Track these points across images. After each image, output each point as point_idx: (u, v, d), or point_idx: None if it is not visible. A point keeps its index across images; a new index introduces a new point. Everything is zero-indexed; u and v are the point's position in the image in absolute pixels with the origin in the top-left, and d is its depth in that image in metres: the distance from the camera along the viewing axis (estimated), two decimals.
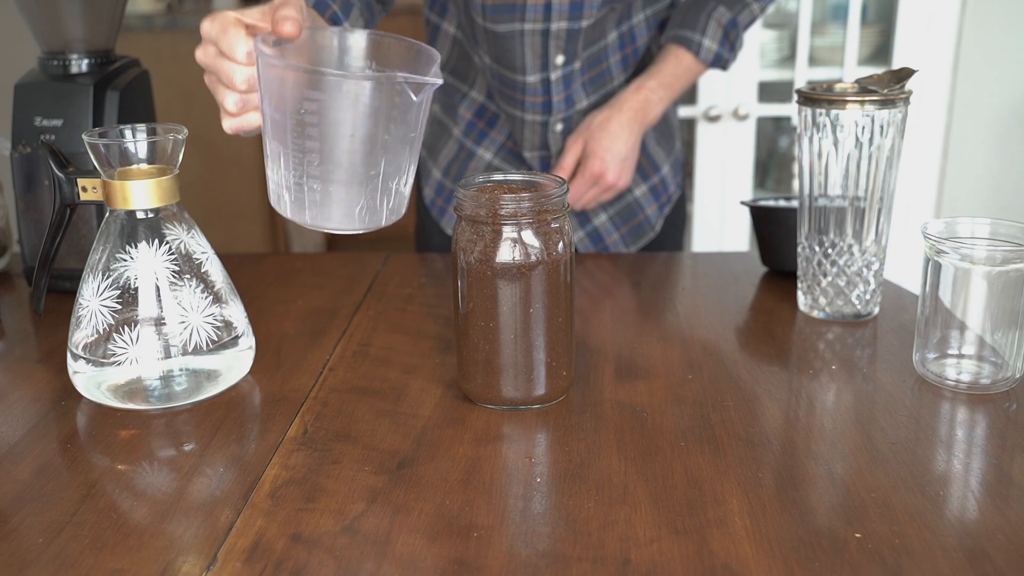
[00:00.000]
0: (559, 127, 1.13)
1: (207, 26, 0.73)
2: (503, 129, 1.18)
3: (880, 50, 2.21)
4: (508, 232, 0.67)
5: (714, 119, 2.15)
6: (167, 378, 0.71)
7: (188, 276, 0.71)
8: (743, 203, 1.04)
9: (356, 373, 0.78)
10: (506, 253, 0.67)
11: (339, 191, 0.67)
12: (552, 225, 0.68)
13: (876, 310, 0.88)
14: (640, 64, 1.17)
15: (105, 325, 0.70)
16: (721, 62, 1.13)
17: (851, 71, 2.13)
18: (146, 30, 2.82)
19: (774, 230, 0.97)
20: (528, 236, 0.67)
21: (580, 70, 1.11)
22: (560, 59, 1.08)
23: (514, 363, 0.69)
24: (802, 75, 2.15)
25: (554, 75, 1.09)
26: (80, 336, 0.71)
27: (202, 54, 0.74)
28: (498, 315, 0.68)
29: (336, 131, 0.65)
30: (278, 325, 0.88)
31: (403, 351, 0.82)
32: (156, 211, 0.71)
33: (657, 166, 1.21)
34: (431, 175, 1.24)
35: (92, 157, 0.70)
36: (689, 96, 2.20)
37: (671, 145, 1.24)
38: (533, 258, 0.67)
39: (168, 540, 0.56)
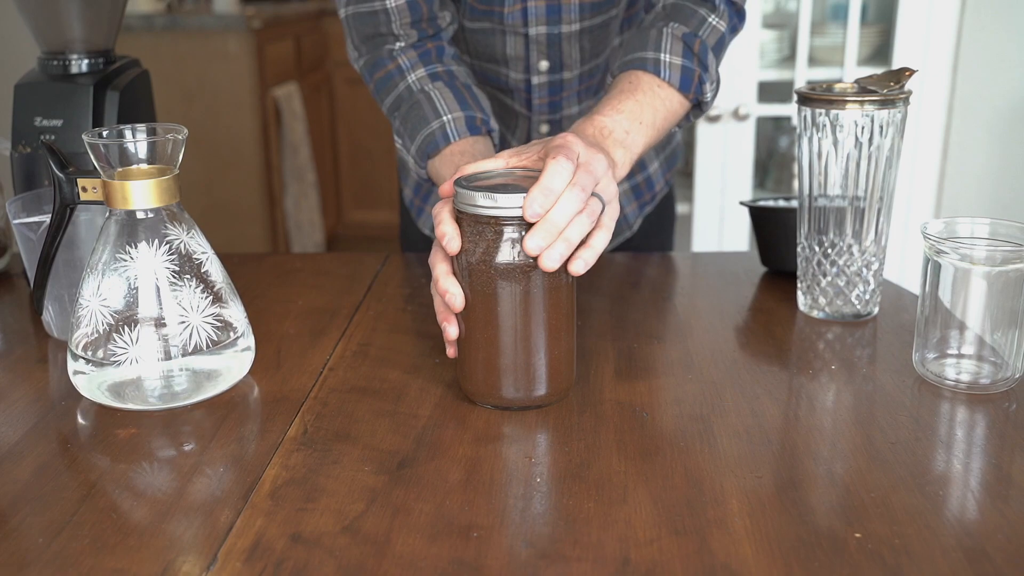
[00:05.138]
0: (544, 128, 1.11)
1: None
2: None
3: (880, 50, 2.21)
4: (509, 232, 0.67)
5: (714, 119, 2.15)
6: (167, 378, 0.71)
7: (188, 276, 0.71)
8: (743, 203, 1.04)
9: (356, 373, 0.78)
10: (507, 253, 0.67)
11: None
12: None
13: (876, 310, 0.88)
14: None
15: (105, 325, 0.70)
16: (693, 82, 0.88)
17: (851, 71, 2.13)
18: (146, 30, 2.82)
19: (774, 230, 0.97)
20: None
21: (574, 80, 1.08)
22: (544, 64, 1.05)
23: (515, 363, 0.69)
24: (802, 75, 2.15)
25: (536, 79, 1.06)
26: (80, 336, 0.71)
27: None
28: (499, 315, 0.68)
29: None
30: (278, 325, 0.88)
31: (403, 351, 0.82)
32: (156, 211, 0.71)
33: (644, 164, 1.19)
34: (409, 173, 1.20)
35: (92, 157, 0.70)
36: None
37: (665, 140, 1.20)
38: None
39: (168, 540, 0.56)
